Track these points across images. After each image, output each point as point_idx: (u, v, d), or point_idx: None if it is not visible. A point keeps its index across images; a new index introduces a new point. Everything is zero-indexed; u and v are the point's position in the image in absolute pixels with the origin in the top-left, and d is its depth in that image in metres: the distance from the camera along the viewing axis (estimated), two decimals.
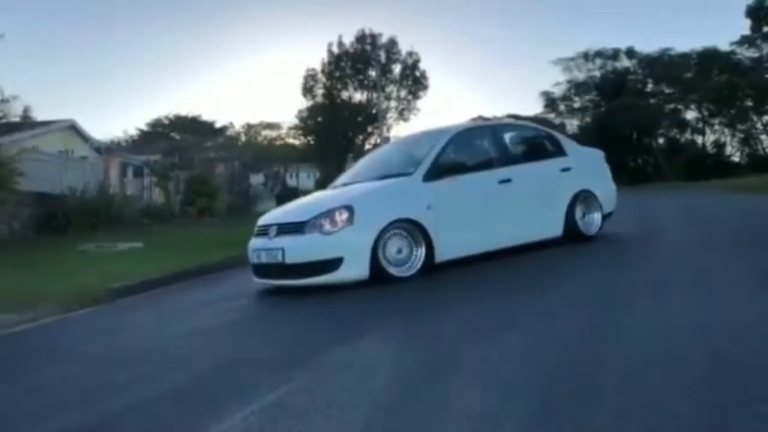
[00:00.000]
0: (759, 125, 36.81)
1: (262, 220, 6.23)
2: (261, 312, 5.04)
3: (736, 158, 39.27)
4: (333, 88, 37.85)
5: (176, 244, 11.64)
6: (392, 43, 37.74)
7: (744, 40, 32.28)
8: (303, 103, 38.97)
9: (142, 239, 11.94)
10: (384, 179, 6.15)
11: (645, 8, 64.20)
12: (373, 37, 37.66)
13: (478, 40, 76.20)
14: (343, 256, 5.34)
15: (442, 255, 5.82)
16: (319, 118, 38.15)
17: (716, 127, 39.42)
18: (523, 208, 6.57)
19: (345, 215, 5.46)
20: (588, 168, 7.41)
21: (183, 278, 7.73)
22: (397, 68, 37.93)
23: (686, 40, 73.53)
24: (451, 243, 5.88)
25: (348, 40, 38.06)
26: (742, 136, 38.59)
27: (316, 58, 71.04)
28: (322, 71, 38.16)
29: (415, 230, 5.68)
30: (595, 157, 7.68)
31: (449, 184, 6.01)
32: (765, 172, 27.92)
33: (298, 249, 5.48)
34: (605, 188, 7.52)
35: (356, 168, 7.21)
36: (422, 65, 38.06)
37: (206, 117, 42.76)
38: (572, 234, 6.90)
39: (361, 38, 37.62)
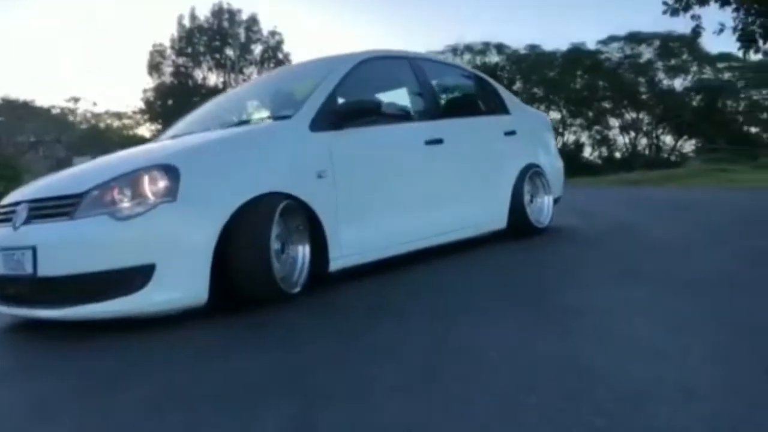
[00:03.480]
0: (616, 127, 37.66)
1: (9, 197, 3.39)
2: None
3: (593, 158, 40.11)
4: (184, 67, 33.76)
5: None
6: (253, 20, 34.38)
7: (610, 40, 32.67)
8: (150, 83, 34.50)
9: None
10: (242, 126, 3.57)
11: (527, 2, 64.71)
12: (231, 13, 34.07)
13: (346, 27, 73.81)
14: (155, 263, 2.70)
15: (341, 258, 3.36)
16: (169, 101, 33.92)
17: (574, 128, 40.00)
18: (460, 184, 4.28)
19: (161, 183, 2.81)
20: (535, 135, 5.28)
21: None
22: (258, 49, 34.58)
23: (569, 37, 74.08)
24: (357, 238, 3.45)
25: (202, 13, 34.22)
26: (599, 137, 39.48)
27: (165, 32, 65.32)
28: (172, 47, 33.96)
29: (296, 215, 3.17)
30: (541, 121, 5.56)
31: (353, 139, 3.55)
32: (627, 170, 28.19)
33: (63, 248, 2.75)
34: (554, 164, 5.44)
35: (198, 113, 4.49)
36: (286, 47, 35.05)
37: (42, 102, 36.93)
38: (520, 225, 4.73)
39: (217, 13, 33.84)
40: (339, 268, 3.37)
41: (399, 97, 4.32)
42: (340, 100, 3.55)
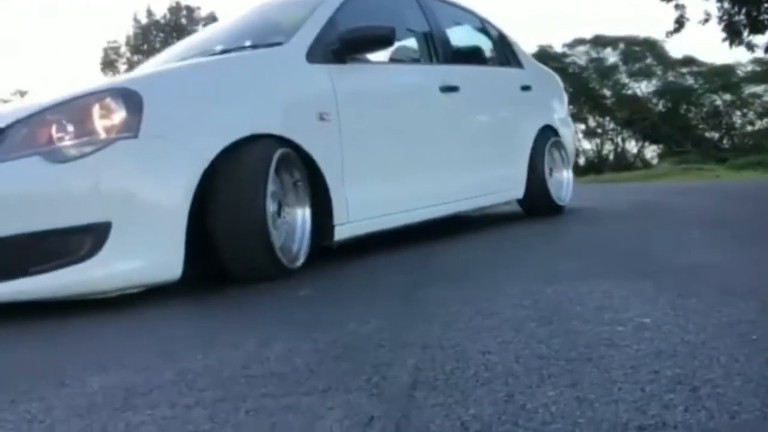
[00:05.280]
0: (580, 132, 37.24)
1: None
2: None
3: None
4: (139, 64, 32.45)
5: None
6: (212, 18, 33.15)
7: (576, 43, 32.17)
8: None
9: None
10: (224, 54, 2.83)
11: None
12: (190, 10, 32.86)
13: None
14: (111, 221, 1.95)
15: (348, 224, 2.64)
16: None
17: None
18: (479, 140, 3.62)
19: (117, 114, 2.06)
20: (549, 94, 4.65)
21: None
22: None
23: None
24: (367, 200, 2.74)
25: (159, 10, 33.02)
26: None
27: (120, 29, 62.50)
28: (127, 44, 32.58)
29: (293, 168, 2.44)
30: (554, 81, 4.92)
31: (360, 76, 2.86)
32: (596, 174, 27.87)
33: None
34: (569, 131, 4.81)
35: (169, 50, 3.69)
36: None
37: None
38: (539, 198, 4.05)
39: (175, 10, 32.62)
40: (345, 237, 2.66)
41: (403, 35, 3.61)
42: (345, 26, 2.82)
